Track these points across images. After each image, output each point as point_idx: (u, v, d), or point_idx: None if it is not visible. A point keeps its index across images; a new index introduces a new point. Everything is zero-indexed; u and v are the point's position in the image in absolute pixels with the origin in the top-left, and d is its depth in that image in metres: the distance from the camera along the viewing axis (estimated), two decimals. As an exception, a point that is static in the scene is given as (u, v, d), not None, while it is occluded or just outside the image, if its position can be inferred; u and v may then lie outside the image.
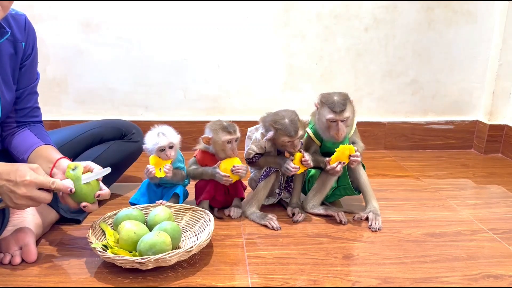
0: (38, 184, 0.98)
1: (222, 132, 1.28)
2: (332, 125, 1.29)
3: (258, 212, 1.34)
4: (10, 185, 0.96)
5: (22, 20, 1.18)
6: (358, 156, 1.29)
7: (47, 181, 1.00)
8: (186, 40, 1.93)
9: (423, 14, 1.99)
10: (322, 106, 1.30)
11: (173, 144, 1.29)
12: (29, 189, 0.97)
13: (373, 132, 2.10)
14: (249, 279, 1.03)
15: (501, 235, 1.28)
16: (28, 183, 0.97)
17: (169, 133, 1.29)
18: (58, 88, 1.94)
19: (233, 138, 1.29)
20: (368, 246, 1.21)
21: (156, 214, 1.16)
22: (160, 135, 1.28)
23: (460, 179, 1.78)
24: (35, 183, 0.98)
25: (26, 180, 0.96)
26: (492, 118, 2.08)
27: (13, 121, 1.23)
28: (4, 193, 0.97)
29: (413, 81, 2.08)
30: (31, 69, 1.23)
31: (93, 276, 1.03)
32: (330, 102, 1.27)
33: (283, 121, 1.26)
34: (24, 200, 0.98)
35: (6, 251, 1.07)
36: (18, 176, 0.96)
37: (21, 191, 0.96)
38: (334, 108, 1.26)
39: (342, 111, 1.27)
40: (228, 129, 1.28)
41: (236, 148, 1.30)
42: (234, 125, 1.30)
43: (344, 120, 1.28)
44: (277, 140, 1.29)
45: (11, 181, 0.96)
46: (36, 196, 0.98)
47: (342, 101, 1.27)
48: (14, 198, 0.97)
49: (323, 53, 2.01)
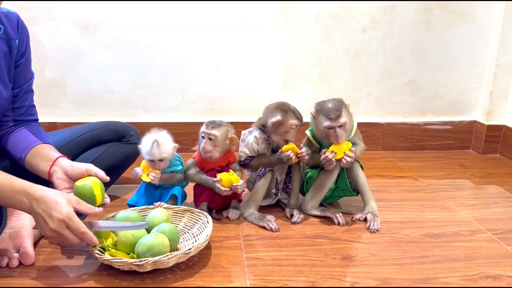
0: (69, 226, 0.96)
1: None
2: (330, 132, 1.29)
3: (256, 213, 1.34)
4: (45, 216, 0.95)
5: (14, 18, 1.18)
6: (351, 157, 1.29)
7: (77, 228, 0.97)
8: (184, 41, 1.93)
9: (421, 14, 1.99)
10: (318, 115, 1.30)
11: (164, 158, 1.29)
12: (61, 227, 0.96)
13: (371, 132, 2.11)
14: (248, 280, 1.03)
15: (500, 235, 1.28)
16: (62, 220, 0.95)
17: (163, 144, 1.28)
18: (56, 90, 1.94)
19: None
20: (367, 247, 1.21)
21: (154, 216, 1.15)
22: (154, 146, 1.27)
23: (458, 180, 1.78)
24: (67, 224, 0.96)
25: (60, 218, 0.95)
26: (490, 119, 2.09)
27: (10, 119, 1.24)
28: (38, 221, 0.97)
29: (411, 82, 2.08)
30: (26, 68, 1.23)
31: (91, 279, 1.02)
32: (325, 110, 1.28)
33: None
34: (53, 234, 0.96)
35: (4, 254, 1.06)
36: (55, 210, 0.95)
37: (53, 225, 0.95)
38: (330, 115, 1.27)
39: (337, 117, 1.27)
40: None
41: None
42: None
43: (341, 125, 1.28)
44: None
45: (47, 212, 0.95)
46: (65, 237, 0.97)
47: (337, 107, 1.28)
48: (46, 229, 0.96)
49: (322, 54, 2.01)
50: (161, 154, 1.28)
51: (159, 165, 1.29)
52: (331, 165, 1.31)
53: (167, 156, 1.29)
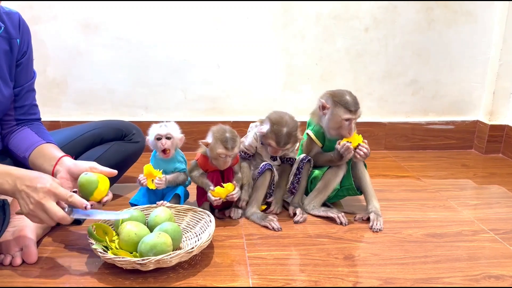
0: (56, 194, 0.97)
1: (220, 145, 1.24)
2: (344, 125, 1.28)
3: (258, 212, 1.34)
4: (29, 190, 0.96)
5: (16, 18, 1.18)
6: (367, 148, 1.29)
7: (65, 193, 0.98)
8: (186, 41, 1.92)
9: (423, 14, 1.99)
10: (336, 106, 1.28)
11: (171, 136, 1.29)
12: (46, 198, 0.96)
13: (373, 132, 2.10)
14: (250, 279, 1.03)
15: (502, 235, 1.28)
16: (47, 190, 0.96)
17: (171, 126, 1.31)
18: (58, 89, 1.94)
19: (228, 154, 1.26)
20: (369, 246, 1.21)
21: (157, 215, 1.16)
22: (162, 126, 1.29)
23: (460, 180, 1.78)
24: (54, 192, 0.97)
25: (45, 187, 0.96)
26: (492, 118, 2.08)
27: (12, 119, 1.24)
28: (21, 198, 0.97)
29: (413, 81, 2.08)
30: (27, 67, 1.23)
31: (93, 277, 1.02)
32: (345, 102, 1.27)
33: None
34: (37, 208, 0.96)
35: (7, 252, 1.07)
36: (39, 182, 0.96)
37: (37, 197, 0.95)
38: (350, 107, 1.26)
39: (357, 110, 1.27)
40: (227, 144, 1.24)
41: (228, 162, 1.28)
42: (236, 140, 1.26)
43: (358, 118, 1.29)
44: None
45: (31, 186, 0.96)
46: (49, 207, 0.96)
47: (355, 99, 1.28)
48: (29, 202, 0.96)
49: (323, 54, 2.00)
50: (168, 131, 1.28)
51: (165, 143, 1.28)
52: (350, 153, 1.29)
53: (174, 135, 1.30)
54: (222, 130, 1.26)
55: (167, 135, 1.28)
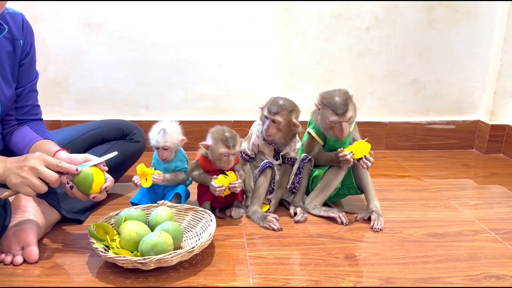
0: (46, 160, 1.00)
1: (221, 144, 1.25)
2: (335, 126, 1.28)
3: (259, 212, 1.34)
4: (19, 163, 0.99)
5: (19, 18, 1.18)
6: (371, 161, 1.28)
7: (54, 161, 1.01)
8: (188, 40, 1.92)
9: (424, 13, 1.99)
10: (324, 108, 1.28)
11: (168, 147, 1.29)
12: (38, 163, 0.98)
13: (374, 132, 2.10)
14: (251, 279, 1.03)
15: (503, 235, 1.28)
16: (37, 156, 0.99)
17: (169, 134, 1.28)
18: (59, 88, 1.94)
19: (230, 153, 1.26)
20: (370, 246, 1.21)
21: (158, 214, 1.16)
22: (160, 133, 1.28)
23: (461, 179, 1.78)
24: (44, 158, 1.00)
25: (35, 155, 1.00)
26: (493, 118, 2.08)
27: (13, 119, 1.24)
28: (11, 173, 0.98)
29: (414, 81, 2.08)
30: (30, 67, 1.24)
31: (94, 276, 1.03)
32: (332, 104, 1.26)
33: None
34: (30, 174, 0.97)
35: (8, 251, 1.07)
36: (28, 156, 1.00)
37: (29, 163, 0.98)
38: (337, 110, 1.25)
39: (344, 113, 1.26)
40: (228, 142, 1.25)
41: (232, 161, 1.28)
42: (236, 138, 1.27)
43: (347, 120, 1.27)
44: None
45: (20, 160, 0.99)
46: (43, 170, 0.98)
47: (344, 101, 1.26)
48: (21, 171, 0.97)
49: (324, 53, 2.00)
50: (165, 142, 1.28)
51: (162, 153, 1.29)
52: (348, 165, 1.30)
53: (171, 145, 1.29)
54: (221, 130, 1.27)
55: (164, 146, 1.29)
